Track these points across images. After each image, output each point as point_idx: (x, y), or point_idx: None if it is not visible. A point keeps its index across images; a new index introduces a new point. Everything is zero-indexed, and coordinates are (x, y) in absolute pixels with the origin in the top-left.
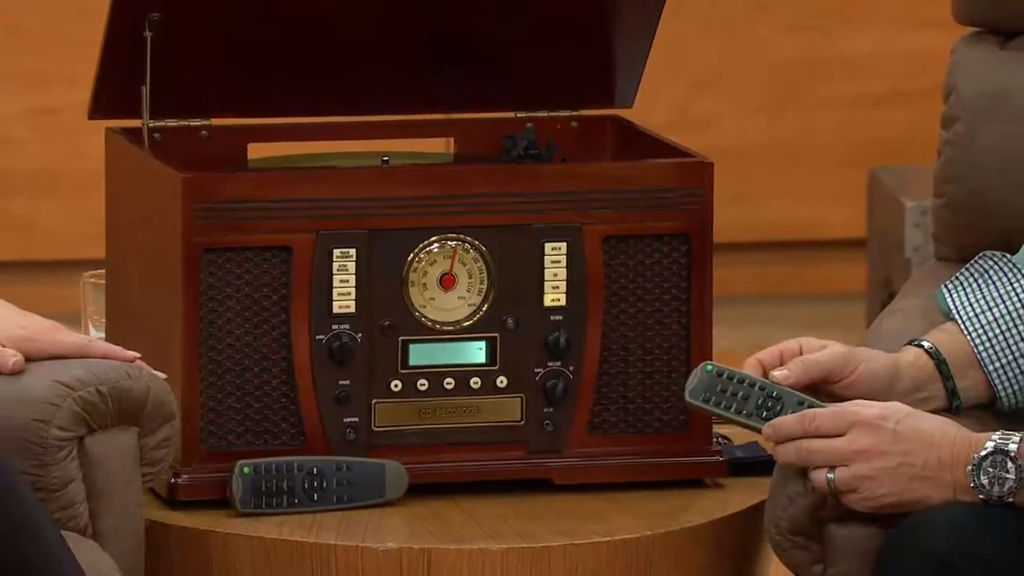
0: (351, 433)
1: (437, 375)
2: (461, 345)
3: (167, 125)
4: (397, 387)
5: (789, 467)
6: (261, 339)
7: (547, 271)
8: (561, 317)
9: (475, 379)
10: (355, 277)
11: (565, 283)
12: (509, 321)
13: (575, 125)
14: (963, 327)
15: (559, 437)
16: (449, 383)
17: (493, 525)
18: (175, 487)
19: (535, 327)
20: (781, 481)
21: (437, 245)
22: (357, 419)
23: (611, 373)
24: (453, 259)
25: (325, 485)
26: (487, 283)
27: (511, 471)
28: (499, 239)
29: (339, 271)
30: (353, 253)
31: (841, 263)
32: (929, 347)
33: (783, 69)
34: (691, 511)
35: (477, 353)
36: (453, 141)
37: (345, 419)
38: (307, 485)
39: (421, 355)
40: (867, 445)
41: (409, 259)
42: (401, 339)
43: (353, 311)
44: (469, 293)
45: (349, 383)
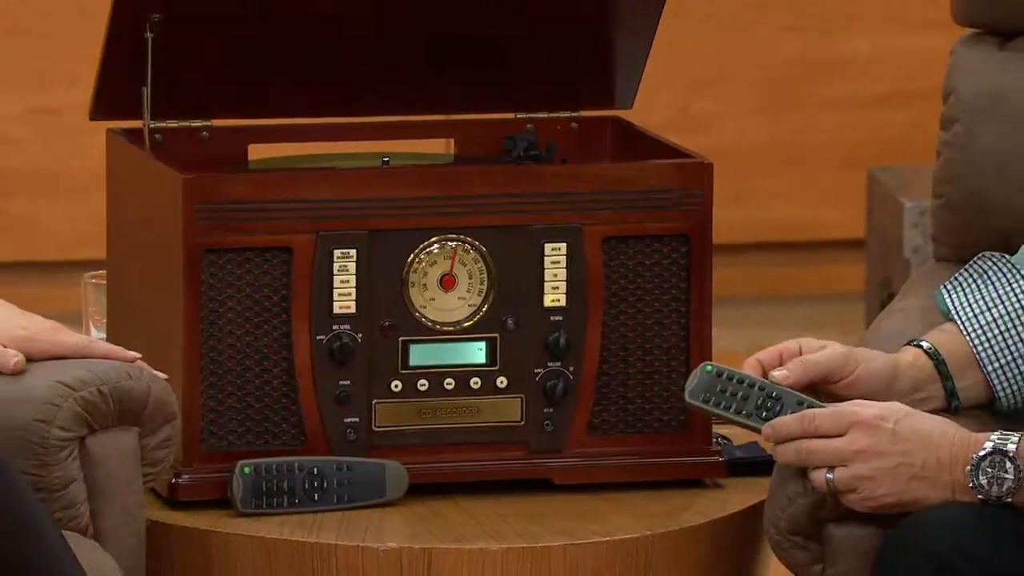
0: (351, 433)
1: (437, 375)
2: (461, 345)
3: (168, 126)
4: (397, 387)
5: (788, 467)
6: (262, 339)
7: (547, 272)
8: (561, 317)
9: (475, 379)
10: (355, 278)
11: (565, 284)
12: (509, 321)
13: (575, 126)
14: (962, 327)
15: (559, 437)
16: (449, 383)
17: (493, 525)
18: (176, 487)
19: (535, 327)
20: (780, 481)
21: (437, 246)
22: (357, 419)
23: (611, 373)
24: (453, 260)
25: (326, 485)
26: (487, 284)
27: (511, 471)
28: (499, 240)
29: (339, 272)
30: (353, 254)
31: (840, 263)
32: (928, 347)
33: (783, 70)
34: (691, 511)
35: (477, 353)
36: (453, 142)
37: (345, 419)
38: (308, 485)
39: (421, 355)
40: (866, 445)
41: (409, 260)
42: (401, 339)
43: (353, 311)
44: (469, 294)
45: (349, 383)
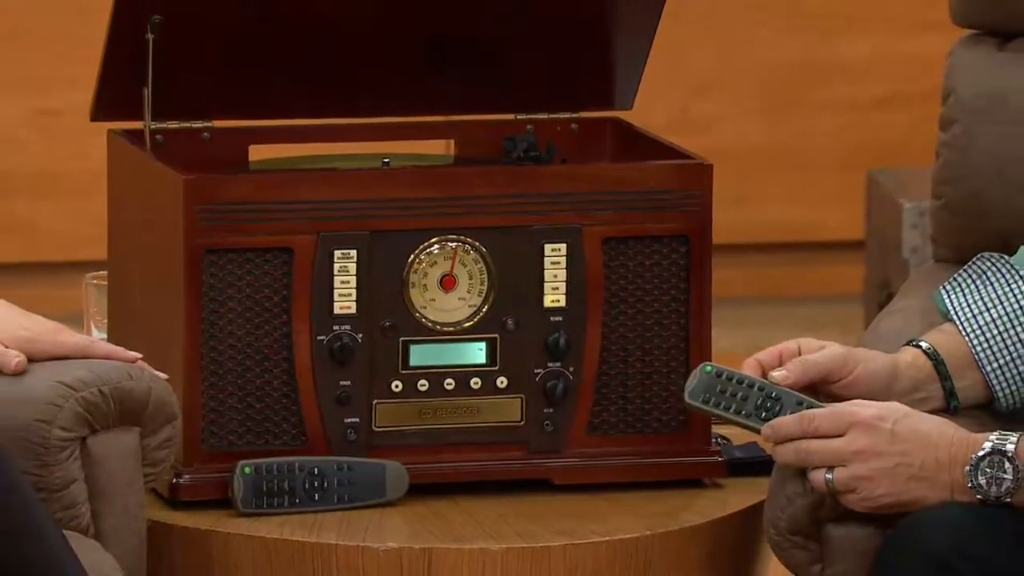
0: (352, 433)
1: (437, 376)
2: (461, 346)
3: (169, 127)
4: (398, 387)
5: (788, 467)
6: (262, 340)
7: (547, 272)
8: (561, 318)
9: (475, 380)
10: (356, 278)
11: (565, 284)
12: (509, 322)
13: (575, 127)
14: (961, 328)
15: (559, 437)
16: (449, 384)
17: (493, 525)
18: (177, 487)
19: (535, 328)
20: (780, 481)
21: (437, 246)
22: (358, 419)
23: (611, 374)
24: (453, 260)
25: (326, 485)
26: (487, 284)
27: (511, 471)
28: (499, 240)
29: (340, 272)
30: (354, 254)
31: (839, 264)
32: (927, 347)
33: (782, 71)
34: (690, 511)
35: (477, 354)
36: (453, 143)
37: (346, 419)
38: (308, 485)
39: (422, 356)
40: (865, 446)
41: (410, 260)
42: (402, 340)
43: (354, 312)
44: (469, 294)
45: (350, 383)
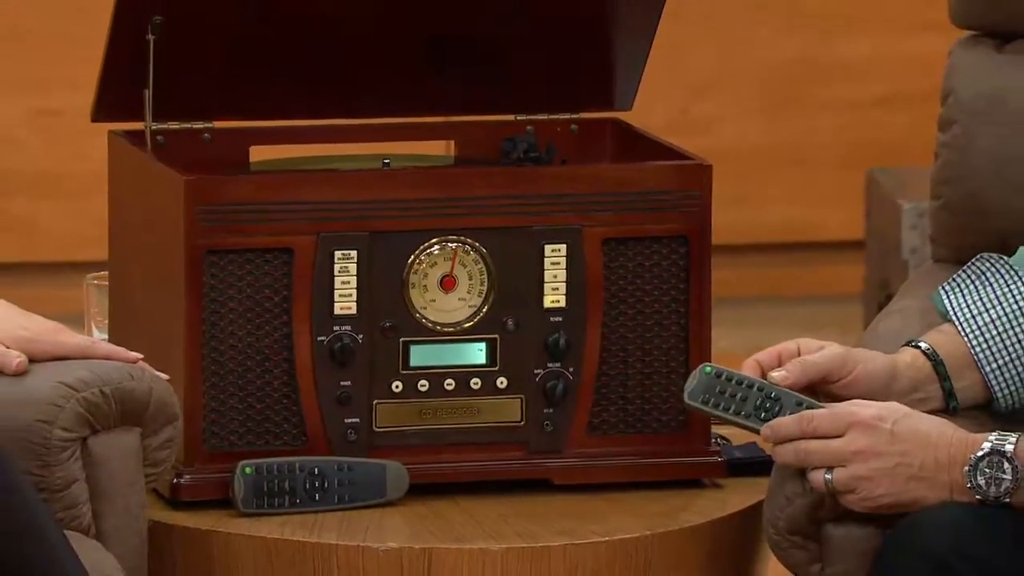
0: (352, 433)
1: (438, 376)
2: (461, 346)
3: (170, 128)
4: (398, 388)
5: (787, 467)
6: (263, 340)
7: (547, 273)
8: (561, 318)
9: (475, 380)
10: (356, 279)
11: (565, 285)
12: (509, 322)
13: (575, 128)
14: (960, 328)
15: (559, 438)
16: (450, 384)
17: (493, 525)
18: (178, 487)
19: (535, 328)
20: (779, 481)
21: (438, 247)
22: (358, 420)
23: (610, 374)
24: (454, 261)
25: (326, 485)
26: (487, 285)
27: (511, 471)
28: (499, 241)
29: (340, 273)
30: (354, 255)
31: (839, 264)
32: (926, 348)
33: (782, 71)
34: (690, 511)
35: (477, 354)
36: (453, 144)
37: (346, 420)
38: (308, 485)
39: (422, 356)
40: (864, 446)
41: (410, 261)
42: (402, 340)
43: (354, 312)
44: (469, 295)
45: (350, 384)
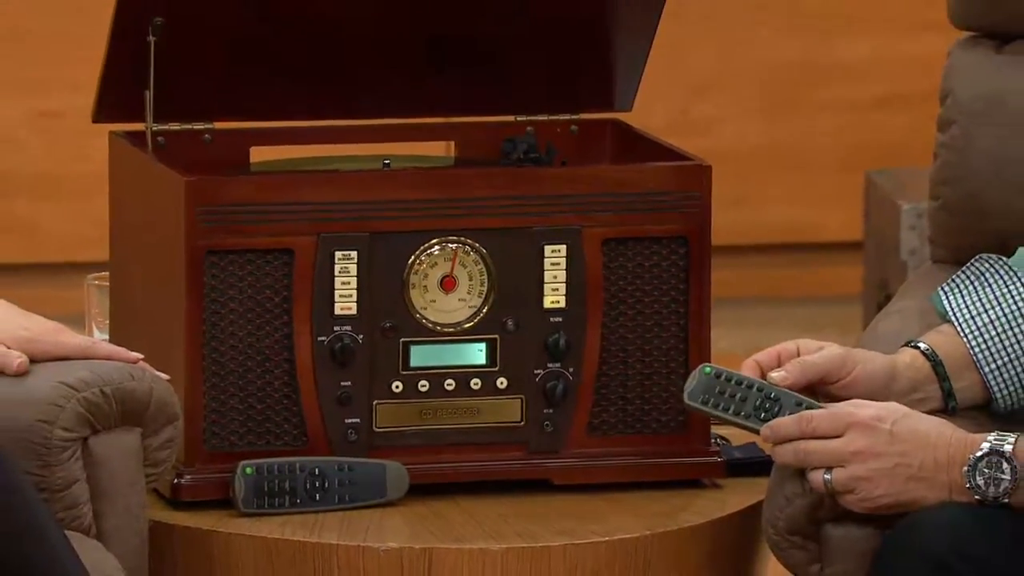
0: (352, 434)
1: (438, 376)
2: (461, 347)
3: (170, 129)
4: (398, 388)
5: (787, 468)
6: (263, 340)
7: (547, 273)
8: (561, 319)
9: (475, 380)
10: (356, 279)
11: (565, 285)
12: (509, 323)
13: (575, 129)
14: (959, 329)
15: (559, 438)
16: (450, 384)
17: (493, 525)
18: (178, 487)
19: (535, 329)
20: (779, 481)
21: (438, 247)
22: (358, 420)
23: (610, 375)
24: (454, 261)
25: (327, 485)
26: (487, 285)
27: (511, 471)
28: (499, 242)
29: (340, 273)
30: (354, 255)
31: (838, 265)
32: (925, 348)
33: (782, 72)
34: (689, 511)
35: (477, 355)
36: (454, 145)
37: (346, 420)
38: (309, 485)
39: (422, 356)
40: (864, 446)
41: (410, 261)
42: (402, 340)
43: (354, 313)
44: (470, 295)
45: (350, 384)
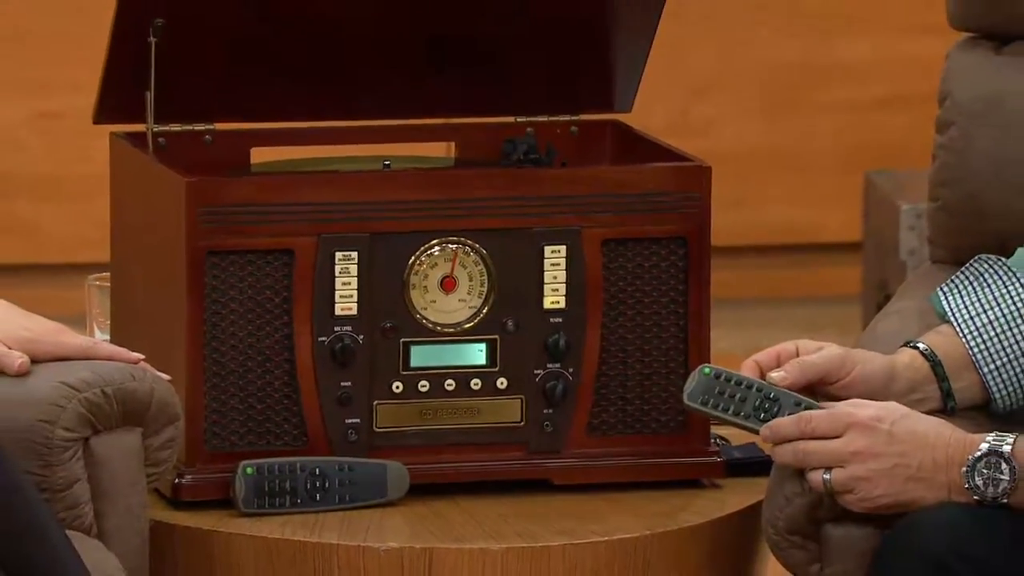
0: (353, 434)
1: (438, 376)
2: (462, 347)
3: (171, 130)
4: (398, 388)
5: (786, 468)
6: (264, 341)
7: (547, 274)
8: (560, 319)
9: (475, 380)
10: (357, 280)
11: (564, 286)
12: (509, 323)
13: (575, 130)
14: (958, 329)
15: (558, 438)
16: (450, 384)
17: (493, 525)
18: (179, 487)
19: (535, 329)
20: (778, 481)
21: (438, 248)
22: (359, 420)
23: (610, 375)
24: (454, 262)
25: (327, 485)
26: (487, 286)
27: (511, 471)
28: (499, 242)
29: (341, 274)
30: (355, 256)
31: (838, 266)
32: (924, 349)
33: (782, 73)
34: (689, 511)
35: (477, 355)
36: (454, 145)
37: (347, 420)
38: (309, 485)
39: (422, 357)
40: (863, 446)
41: (410, 262)
42: (402, 341)
43: (355, 313)
44: (470, 296)
45: (351, 384)
